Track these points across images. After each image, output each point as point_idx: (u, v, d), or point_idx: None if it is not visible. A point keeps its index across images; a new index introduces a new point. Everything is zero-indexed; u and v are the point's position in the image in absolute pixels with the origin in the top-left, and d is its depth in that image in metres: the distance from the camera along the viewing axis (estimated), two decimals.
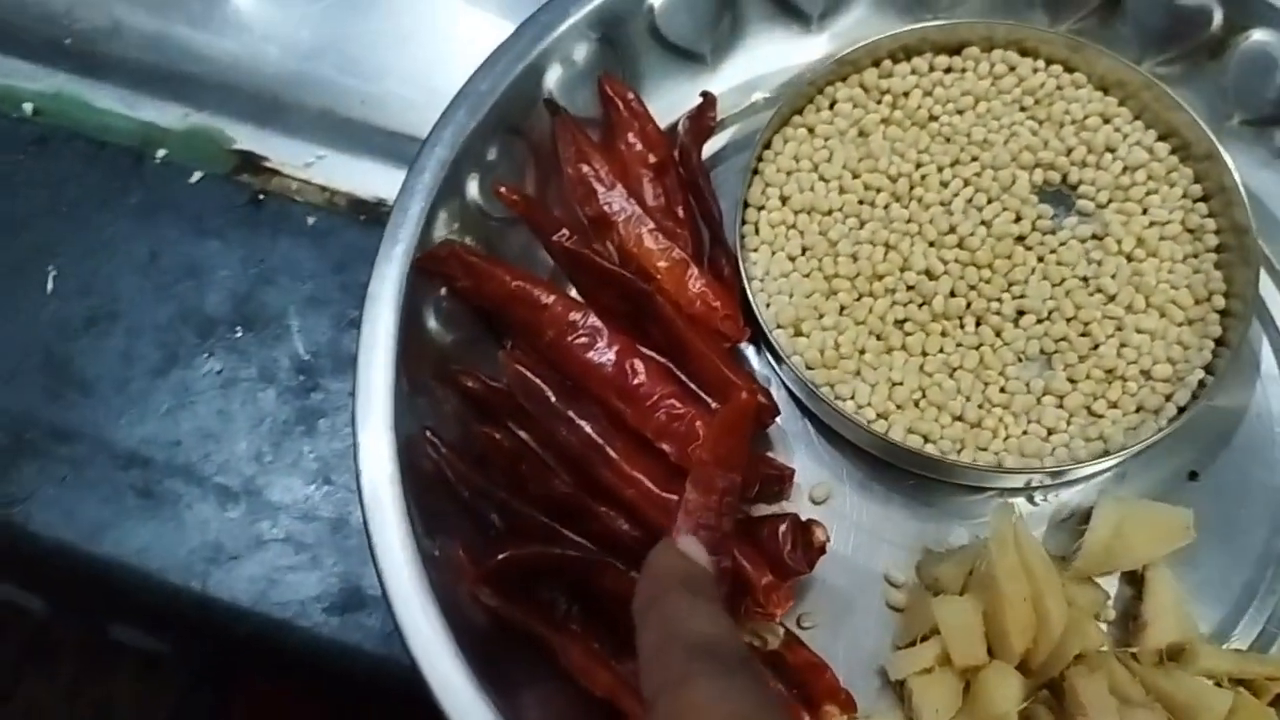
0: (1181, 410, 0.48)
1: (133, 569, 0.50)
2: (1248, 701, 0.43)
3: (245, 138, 0.59)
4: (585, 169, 0.52)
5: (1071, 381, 0.50)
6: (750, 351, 0.53)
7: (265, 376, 0.53)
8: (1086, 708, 0.41)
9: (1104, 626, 0.46)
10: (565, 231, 0.48)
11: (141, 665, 0.64)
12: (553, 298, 0.48)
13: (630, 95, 0.54)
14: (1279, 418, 0.51)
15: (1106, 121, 0.55)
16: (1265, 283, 0.53)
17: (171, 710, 0.64)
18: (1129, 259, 0.52)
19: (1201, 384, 0.49)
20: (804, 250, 0.53)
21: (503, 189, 0.48)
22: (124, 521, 0.51)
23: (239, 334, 0.54)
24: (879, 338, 0.51)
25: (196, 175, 0.58)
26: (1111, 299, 0.51)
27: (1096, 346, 0.50)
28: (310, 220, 0.57)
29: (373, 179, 0.58)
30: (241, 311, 0.55)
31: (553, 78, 0.53)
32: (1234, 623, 0.47)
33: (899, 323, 0.51)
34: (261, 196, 0.57)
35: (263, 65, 0.61)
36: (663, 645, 0.29)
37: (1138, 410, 0.49)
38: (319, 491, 0.51)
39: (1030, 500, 0.50)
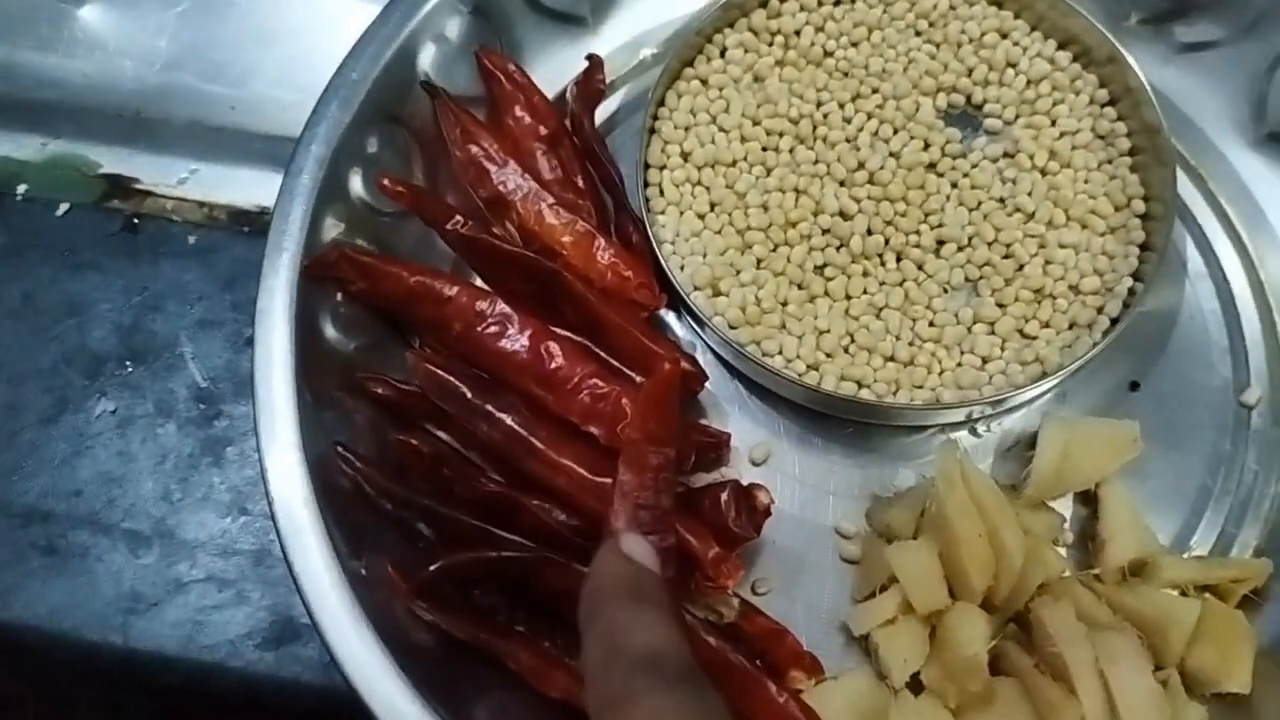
0: (1115, 321, 0.47)
1: (44, 632, 0.47)
2: (1215, 607, 0.43)
3: (111, 161, 0.55)
4: (474, 149, 0.49)
5: (1000, 306, 0.48)
6: (671, 318, 0.51)
7: (163, 410, 0.50)
8: (1055, 637, 0.40)
9: (1063, 551, 0.45)
10: (460, 218, 0.46)
11: (101, 714, 0.61)
12: (456, 289, 0.45)
13: (512, 67, 0.51)
14: (1211, 315, 0.50)
15: (1004, 36, 0.54)
16: (1183, 181, 0.52)
17: None
18: (1043, 173, 0.51)
19: (1131, 292, 0.48)
20: (712, 206, 0.51)
21: (386, 181, 0.45)
22: (30, 583, 0.47)
23: (130, 369, 0.51)
24: (800, 287, 0.49)
25: (63, 207, 0.55)
26: (1031, 217, 0.50)
27: (1021, 268, 0.49)
28: (191, 239, 0.54)
29: (252, 187, 0.54)
30: (129, 345, 0.51)
31: (427, 58, 0.50)
32: (1192, 529, 0.47)
33: (819, 269, 0.49)
34: (136, 221, 0.54)
35: (120, 82, 0.57)
36: (606, 661, 0.29)
37: (1071, 327, 0.48)
38: (235, 524, 0.48)
39: (973, 432, 0.49)
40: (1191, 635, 0.41)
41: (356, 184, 0.47)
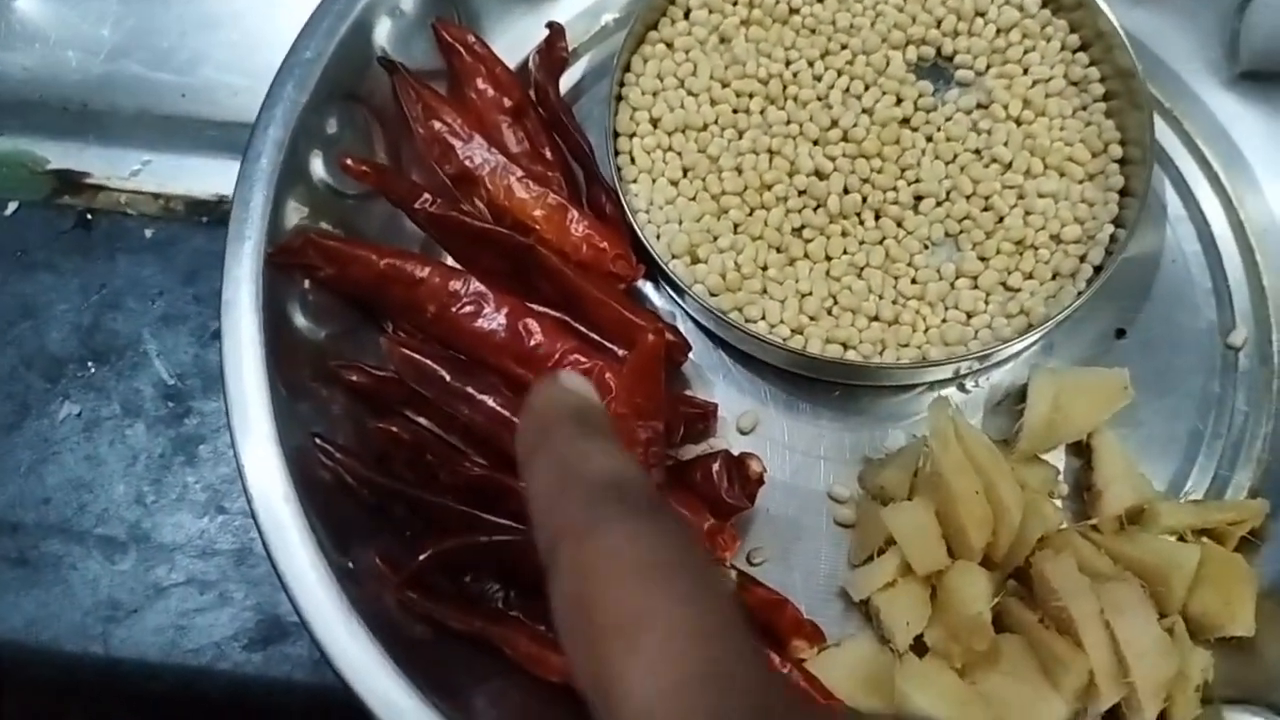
0: (1098, 270, 0.47)
1: (22, 645, 0.45)
2: (1215, 551, 0.43)
3: (59, 156, 0.53)
4: (437, 125, 0.48)
5: (982, 260, 0.48)
6: (649, 288, 0.50)
7: (130, 410, 0.49)
8: (1059, 591, 0.39)
9: (1059, 503, 0.45)
10: (428, 196, 0.44)
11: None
12: (428, 270, 0.44)
13: (471, 38, 0.50)
14: (1193, 257, 0.50)
15: None
16: (1159, 123, 0.51)
17: None
18: (1018, 123, 0.50)
19: (1113, 239, 0.47)
20: (685, 172, 0.50)
21: (349, 161, 0.44)
22: (3, 596, 0.46)
23: (92, 370, 0.49)
24: (779, 250, 0.48)
25: (11, 206, 0.52)
26: (1008, 167, 0.49)
27: (1001, 219, 0.48)
28: (148, 232, 0.52)
29: (209, 176, 0.53)
30: (90, 345, 0.50)
31: (383, 33, 0.48)
32: (1186, 474, 0.46)
33: (797, 230, 0.48)
34: (89, 216, 0.52)
35: (63, 74, 0.55)
36: (558, 489, 0.25)
37: (1054, 277, 0.47)
38: (213, 523, 0.47)
39: (961, 388, 0.48)
40: (1193, 580, 0.41)
41: (318, 166, 0.46)
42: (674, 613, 0.21)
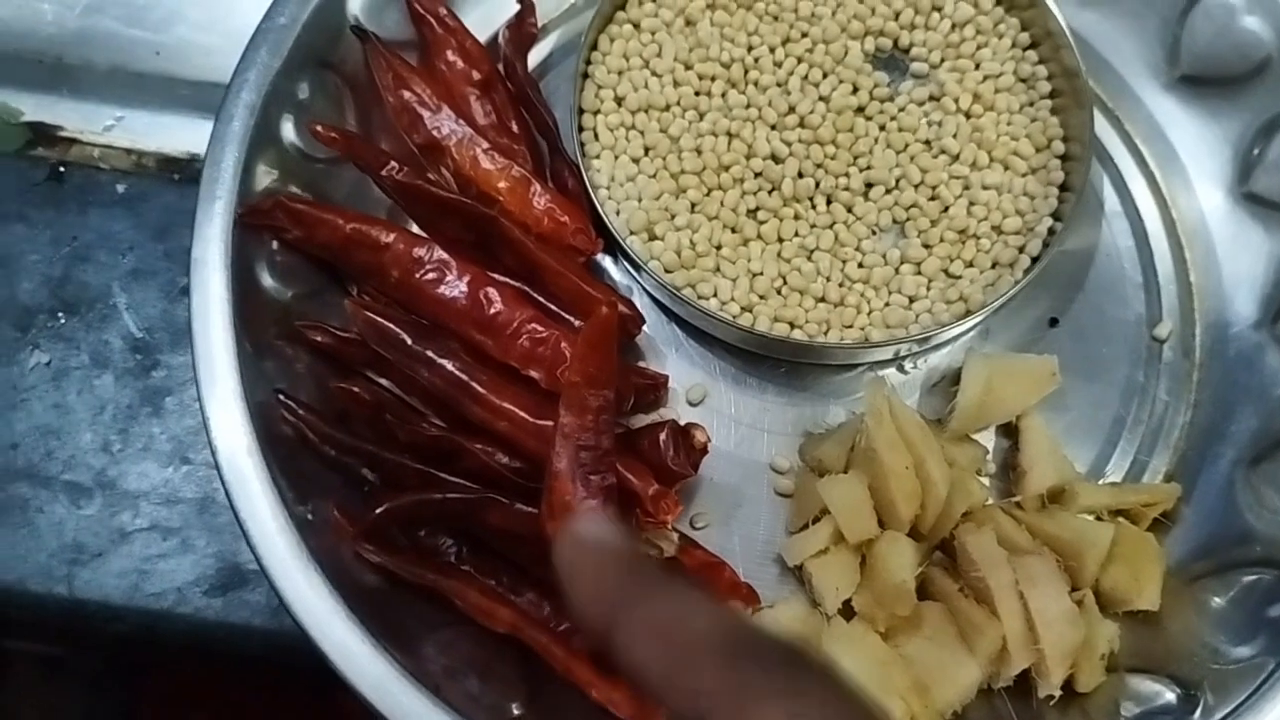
0: (1035, 260, 0.49)
1: None
2: (1128, 531, 0.45)
3: (33, 108, 0.54)
4: (407, 95, 0.49)
5: (926, 247, 0.50)
6: (608, 262, 0.51)
7: (99, 361, 0.50)
8: (978, 562, 0.42)
9: (986, 481, 0.47)
10: (394, 164, 0.46)
11: (41, 669, 0.60)
12: (393, 236, 0.46)
13: (443, 10, 0.51)
14: (1126, 252, 0.52)
15: None
16: (1101, 122, 0.54)
17: (80, 711, 0.61)
18: (967, 116, 0.52)
19: (1051, 231, 0.49)
20: (647, 151, 0.51)
21: (319, 128, 0.45)
22: None
23: (62, 320, 0.50)
24: (734, 230, 0.50)
25: None
26: (955, 159, 0.51)
27: (947, 209, 0.50)
28: (120, 187, 0.53)
29: (181, 134, 0.54)
30: (60, 296, 0.51)
31: (357, 1, 0.49)
32: (1107, 457, 0.49)
33: (751, 212, 0.50)
34: (62, 169, 0.53)
35: (38, 26, 0.56)
36: (671, 668, 0.22)
37: (993, 266, 0.49)
38: (178, 473, 0.48)
39: (900, 369, 0.50)
40: (1106, 557, 0.44)
41: (289, 130, 0.47)
42: None
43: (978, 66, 0.53)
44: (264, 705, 0.62)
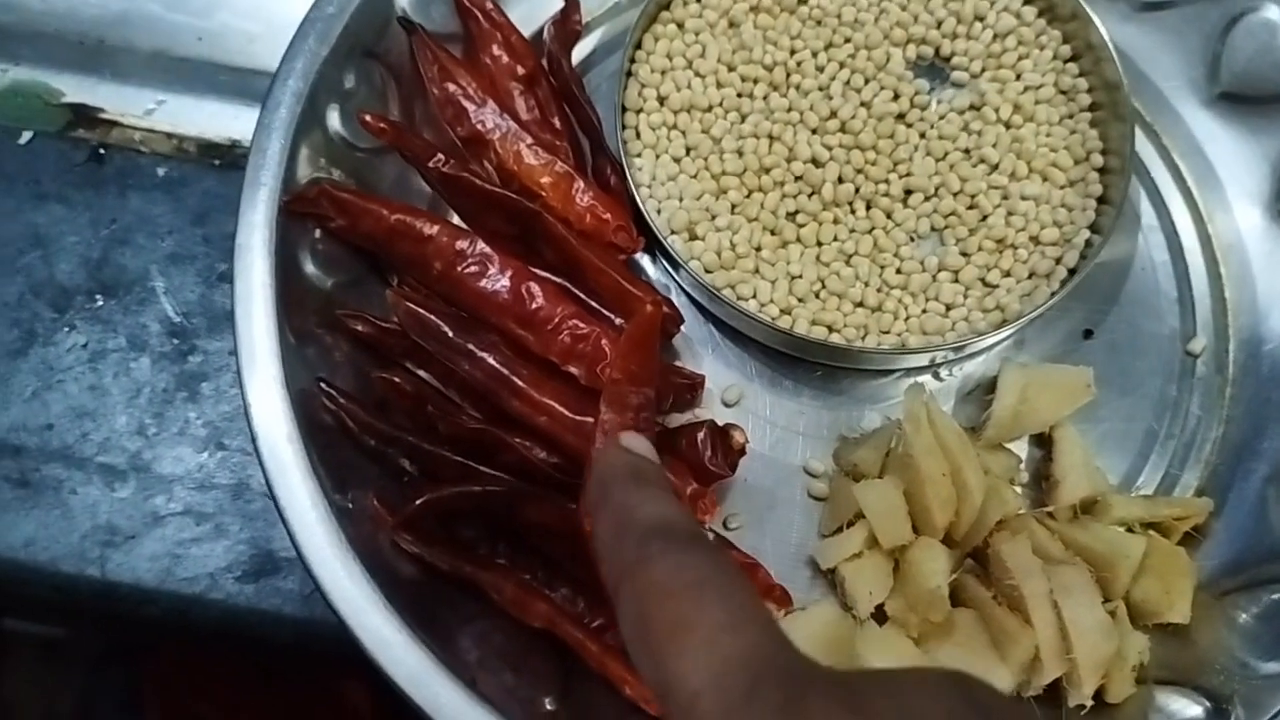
0: (1072, 272, 0.49)
1: (21, 564, 0.47)
2: (1159, 544, 0.45)
3: (74, 89, 0.54)
4: (452, 88, 0.49)
5: (964, 255, 0.50)
6: (645, 260, 0.51)
7: (136, 345, 0.50)
8: (1013, 571, 0.42)
9: (1019, 490, 0.47)
10: (441, 156, 0.46)
11: (38, 651, 0.61)
12: (436, 228, 0.46)
13: (489, 5, 0.51)
14: (1161, 266, 0.52)
15: None
16: (1139, 136, 0.54)
17: (79, 693, 0.61)
18: (1007, 126, 0.52)
19: (1088, 243, 0.50)
20: (688, 150, 0.51)
21: (368, 117, 0.45)
22: (3, 515, 0.47)
23: (100, 303, 0.51)
24: (773, 232, 0.50)
25: (26, 136, 0.53)
26: (995, 168, 0.51)
27: (985, 218, 0.50)
28: (160, 171, 0.53)
29: (222, 120, 0.54)
30: (99, 278, 0.51)
31: None
32: (1139, 470, 0.49)
33: (791, 215, 0.50)
34: (103, 151, 0.53)
35: (81, 7, 0.56)
36: (617, 534, 0.30)
37: (1030, 276, 0.50)
38: (213, 459, 0.48)
39: (936, 376, 0.50)
40: (1137, 569, 0.44)
41: (334, 119, 0.47)
42: (712, 616, 0.25)
43: (1019, 77, 0.53)
44: (265, 691, 0.62)
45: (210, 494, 0.48)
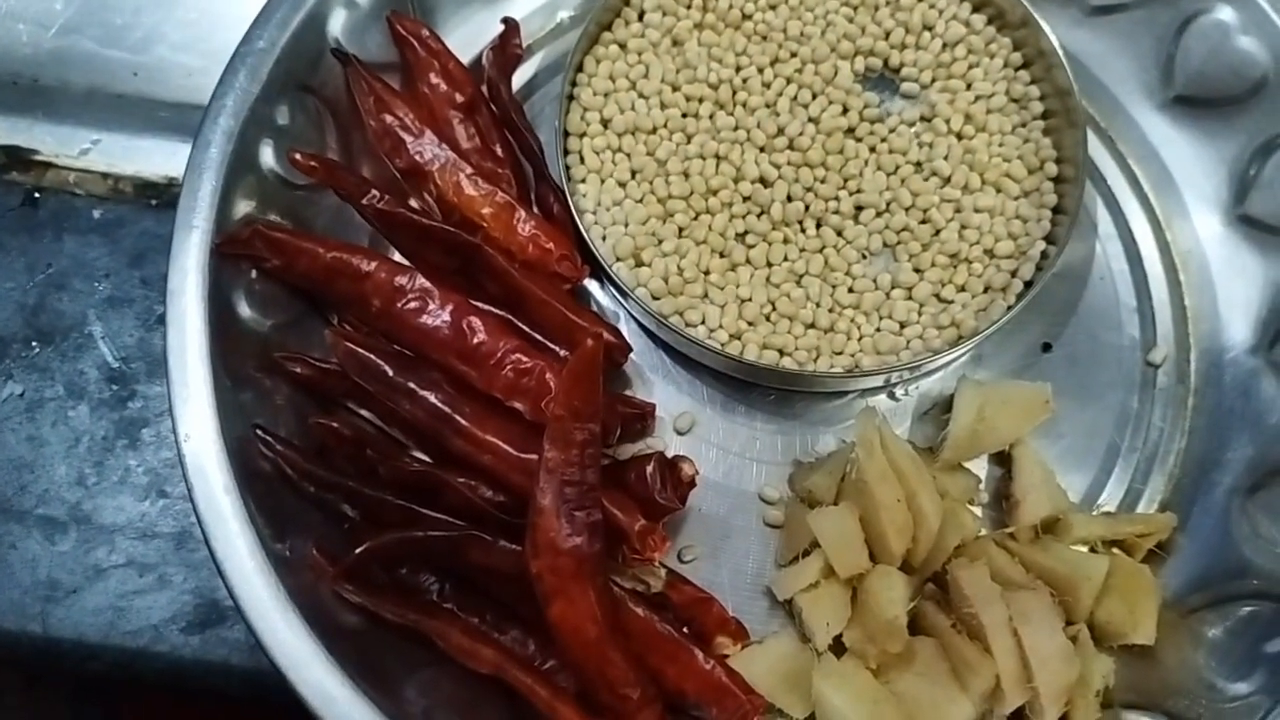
0: (1028, 285, 0.48)
1: None
2: (1123, 563, 0.44)
3: (7, 131, 0.53)
4: (389, 119, 0.48)
5: (918, 271, 0.49)
6: (594, 287, 0.51)
7: (74, 392, 0.49)
8: (971, 598, 0.41)
9: (978, 511, 0.47)
10: (375, 192, 0.45)
11: (23, 682, 0.60)
12: (374, 264, 0.45)
13: (425, 32, 0.50)
14: (1120, 275, 0.51)
15: None
16: (1094, 143, 0.53)
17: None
18: (959, 137, 0.51)
19: (1044, 255, 0.49)
20: (634, 174, 0.50)
21: (298, 156, 0.44)
22: None
23: (36, 350, 0.50)
24: (722, 255, 0.49)
25: None
26: (947, 181, 0.50)
27: (938, 232, 0.50)
28: (96, 213, 0.52)
29: (159, 158, 0.53)
30: (35, 325, 0.50)
31: (338, 24, 0.48)
32: (1102, 485, 0.48)
33: (740, 236, 0.50)
34: (37, 194, 0.52)
35: (13, 48, 0.55)
36: None
37: (986, 290, 0.49)
38: (154, 507, 0.47)
39: (891, 396, 0.49)
40: (1101, 590, 0.43)
41: (268, 156, 0.46)
42: None
43: (969, 86, 0.52)
44: None
45: (153, 544, 0.47)
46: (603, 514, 0.40)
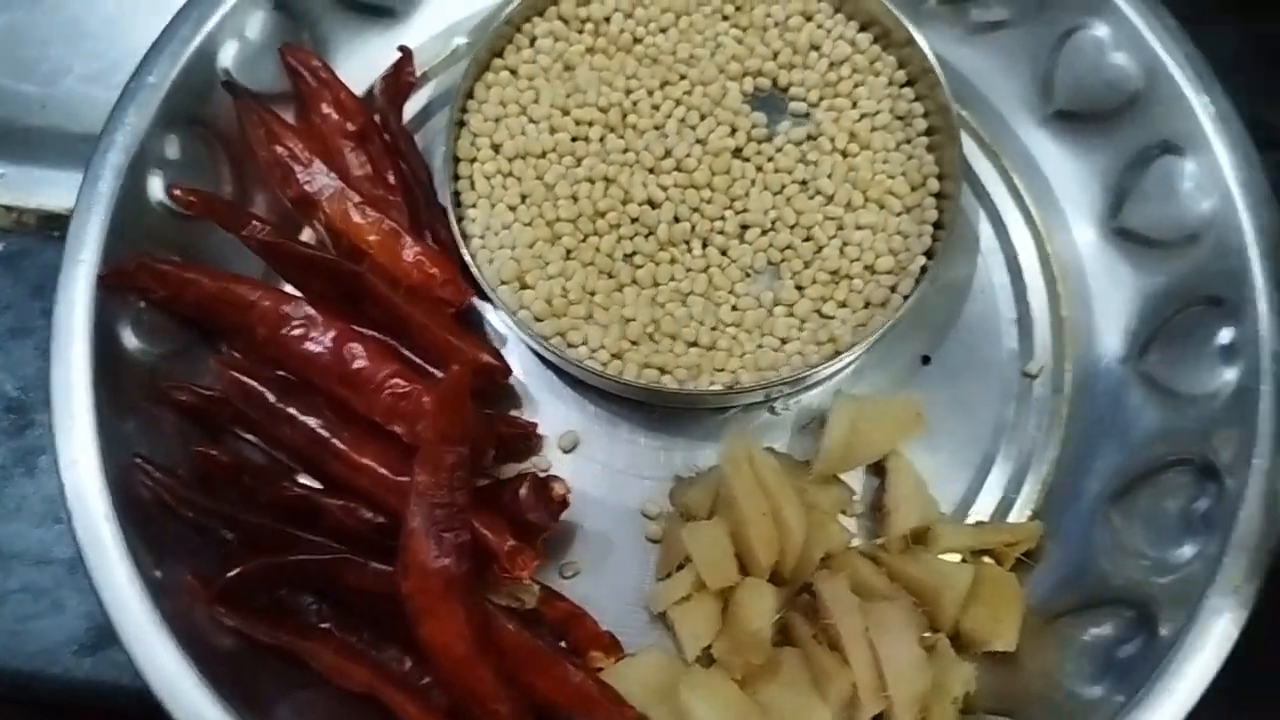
0: (906, 299, 0.49)
1: None
2: (990, 571, 0.46)
3: None
4: (279, 149, 0.49)
5: (799, 289, 0.50)
6: (488, 310, 0.52)
7: None
8: (831, 609, 0.42)
9: (853, 522, 0.48)
10: (257, 224, 0.46)
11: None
12: (259, 293, 0.46)
13: (316, 63, 0.51)
14: (1001, 289, 0.52)
15: (809, 19, 0.55)
16: (979, 158, 0.54)
17: None
18: (844, 155, 0.52)
19: (924, 269, 0.50)
20: (523, 198, 0.51)
21: (177, 191, 0.46)
22: None
23: None
24: (610, 276, 0.50)
25: None
26: (830, 199, 0.51)
27: (820, 250, 0.51)
28: None
29: (64, 190, 0.52)
30: None
31: (228, 56, 0.50)
32: (975, 495, 0.49)
33: (627, 257, 0.51)
34: None
35: None
36: None
37: (865, 306, 0.50)
38: (50, 533, 0.48)
39: (772, 411, 0.50)
40: (966, 598, 0.44)
41: (157, 189, 0.47)
42: None
43: (855, 105, 0.53)
44: None
45: (48, 569, 0.48)
46: (471, 534, 0.41)
